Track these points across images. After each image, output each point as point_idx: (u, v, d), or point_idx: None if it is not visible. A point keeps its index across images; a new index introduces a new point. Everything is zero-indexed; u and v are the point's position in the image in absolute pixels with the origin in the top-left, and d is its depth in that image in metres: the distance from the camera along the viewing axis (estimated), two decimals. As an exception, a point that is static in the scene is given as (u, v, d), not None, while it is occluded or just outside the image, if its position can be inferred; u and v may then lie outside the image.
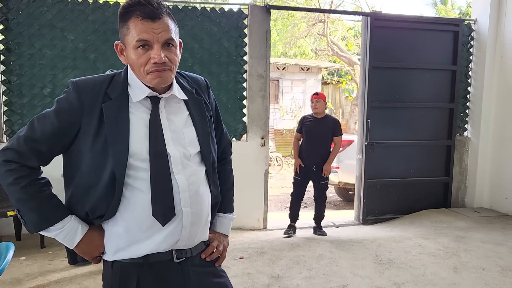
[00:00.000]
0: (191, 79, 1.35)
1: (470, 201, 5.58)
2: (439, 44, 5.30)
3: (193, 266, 1.26)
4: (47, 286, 3.08)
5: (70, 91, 1.18)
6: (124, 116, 1.16)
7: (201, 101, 1.31)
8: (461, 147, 5.54)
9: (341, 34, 17.08)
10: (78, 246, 1.20)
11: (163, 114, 1.21)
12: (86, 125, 1.15)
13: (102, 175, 1.15)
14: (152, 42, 1.13)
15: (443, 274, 3.35)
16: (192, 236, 1.23)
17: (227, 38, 4.69)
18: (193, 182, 1.21)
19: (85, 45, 4.36)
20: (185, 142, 1.23)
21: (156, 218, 1.16)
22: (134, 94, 1.20)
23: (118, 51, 1.22)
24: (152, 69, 1.14)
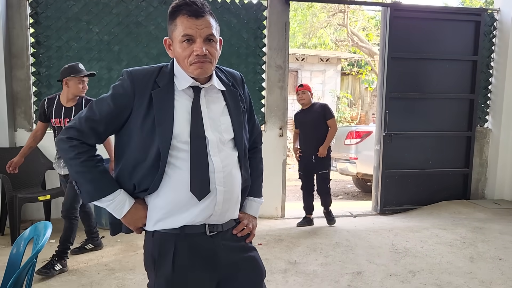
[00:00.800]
0: (228, 73, 1.48)
1: (491, 193, 5.55)
2: (460, 34, 5.25)
3: (224, 240, 1.39)
4: (76, 267, 3.26)
5: (124, 79, 1.34)
6: (170, 102, 1.32)
7: (237, 93, 1.45)
8: (482, 139, 5.50)
9: (362, 24, 16.91)
10: (125, 216, 1.35)
11: (203, 103, 1.36)
12: (137, 108, 1.31)
13: (148, 153, 1.30)
14: (195, 37, 1.28)
15: (459, 263, 3.38)
16: (224, 212, 1.36)
17: (247, 29, 4.76)
18: (226, 165, 1.35)
19: (110, 38, 4.50)
20: (221, 128, 1.37)
21: (193, 193, 1.30)
22: (179, 83, 1.35)
23: (166, 46, 1.38)
24: (194, 60, 1.29)
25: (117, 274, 3.13)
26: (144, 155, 1.31)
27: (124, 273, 3.14)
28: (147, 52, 4.60)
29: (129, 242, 3.83)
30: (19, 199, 3.77)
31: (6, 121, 4.26)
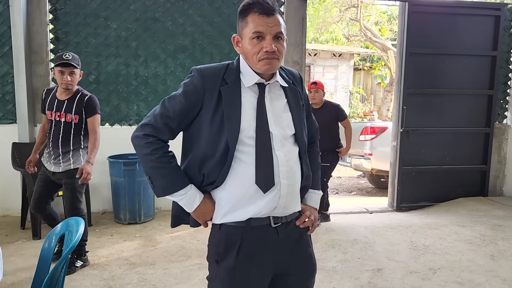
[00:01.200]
0: (288, 71, 1.54)
1: (509, 190, 5.48)
2: (479, 29, 5.17)
3: (287, 232, 1.43)
4: (97, 261, 3.30)
5: (194, 76, 1.40)
6: (238, 98, 1.39)
7: (296, 90, 1.51)
8: (500, 135, 5.42)
9: (375, 19, 16.75)
10: (195, 210, 1.40)
11: (267, 99, 1.42)
12: (207, 104, 1.37)
13: (217, 147, 1.35)
14: (265, 34, 1.34)
15: (479, 261, 3.36)
16: (287, 205, 1.41)
17: (264, 25, 4.74)
18: (289, 159, 1.41)
19: (127, 34, 4.53)
20: (284, 124, 1.43)
21: (258, 186, 1.35)
22: (245, 80, 1.41)
23: (234, 42, 1.44)
24: (263, 56, 1.34)
25: (138, 269, 3.16)
26: (212, 149, 1.36)
27: (144, 268, 3.17)
28: (164, 48, 4.61)
29: (148, 237, 3.87)
30: (40, 194, 3.81)
31: (27, 116, 4.31)
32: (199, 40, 4.66)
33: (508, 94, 5.45)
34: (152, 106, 4.61)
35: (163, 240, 3.78)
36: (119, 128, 4.63)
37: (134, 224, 4.21)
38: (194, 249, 3.58)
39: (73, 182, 3.12)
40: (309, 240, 1.53)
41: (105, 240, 3.78)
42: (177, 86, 4.61)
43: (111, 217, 4.39)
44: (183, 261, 3.33)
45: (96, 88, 4.53)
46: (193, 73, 1.41)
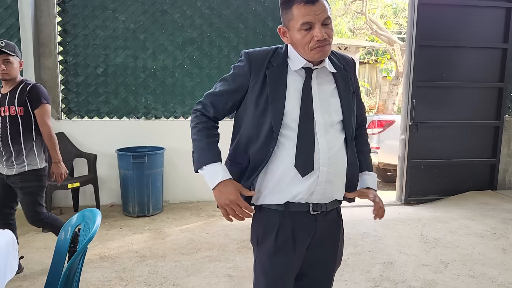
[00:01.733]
0: (340, 56, 1.52)
1: (518, 184, 5.45)
2: (490, 21, 5.11)
3: (326, 221, 1.44)
4: (107, 253, 3.30)
5: (242, 59, 1.44)
6: (283, 81, 1.39)
7: (347, 76, 1.49)
8: (510, 128, 5.38)
9: (380, 12, 16.62)
10: (215, 188, 1.38)
11: (314, 83, 1.41)
12: (253, 85, 1.40)
13: (262, 128, 1.37)
14: (314, 23, 1.32)
15: (491, 254, 3.34)
16: (326, 192, 1.40)
17: (272, 17, 4.71)
18: (332, 146, 1.39)
19: (135, 26, 4.50)
20: (331, 110, 1.41)
21: (297, 169, 1.35)
22: (292, 64, 1.40)
23: (281, 34, 1.43)
24: (315, 45, 1.33)
25: (149, 261, 3.16)
26: (257, 130, 1.39)
27: (155, 260, 3.18)
28: (172, 41, 4.59)
29: (157, 230, 3.87)
30: (49, 187, 3.82)
31: (35, 109, 4.30)
32: (207, 32, 4.63)
33: (518, 87, 5.40)
34: (160, 99, 4.64)
35: (173, 233, 3.78)
36: (127, 121, 4.62)
37: (143, 217, 4.22)
38: (203, 241, 3.58)
39: (30, 185, 2.85)
40: (342, 233, 1.55)
41: (114, 232, 3.79)
42: (185, 78, 4.64)
43: (119, 210, 4.40)
44: (193, 253, 3.32)
45: (104, 81, 4.52)
46: (241, 57, 1.45)
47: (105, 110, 4.58)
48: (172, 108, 4.69)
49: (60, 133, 4.33)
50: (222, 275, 2.95)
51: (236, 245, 3.49)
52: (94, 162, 4.20)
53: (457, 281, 2.88)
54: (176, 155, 4.58)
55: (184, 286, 2.79)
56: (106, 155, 4.44)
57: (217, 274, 2.97)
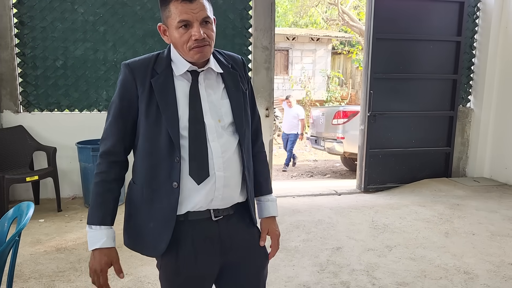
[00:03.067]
0: (227, 56, 1.47)
1: (471, 171, 5.70)
2: (445, 15, 5.29)
3: (229, 225, 1.40)
4: (64, 245, 3.36)
5: (123, 71, 1.35)
6: (171, 87, 1.33)
7: (236, 74, 1.43)
8: (464, 118, 5.62)
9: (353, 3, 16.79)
10: (92, 252, 1.35)
11: (202, 87, 1.36)
12: (141, 95, 1.32)
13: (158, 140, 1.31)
14: (192, 21, 1.27)
15: (434, 238, 3.53)
16: (225, 197, 1.36)
17: (233, 10, 4.77)
18: (226, 150, 1.35)
19: (95, 18, 4.50)
20: (221, 112, 1.37)
21: (192, 177, 1.31)
22: (176, 68, 1.35)
23: (161, 32, 1.37)
24: (193, 45, 1.28)
25: (105, 251, 3.23)
26: (153, 144, 1.32)
27: (111, 250, 3.24)
28: (133, 33, 4.60)
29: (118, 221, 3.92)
30: (7, 180, 3.83)
31: (-8, 102, 4.28)
32: (168, 25, 4.66)
33: (471, 79, 5.63)
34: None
35: (132, 224, 3.84)
36: (88, 114, 4.64)
37: (104, 208, 4.26)
38: (162, 231, 3.66)
39: None
40: (257, 232, 1.50)
41: (74, 225, 3.83)
42: (146, 71, 4.66)
43: (81, 203, 4.43)
44: (150, 243, 3.40)
45: (64, 74, 4.51)
46: (122, 69, 1.36)
47: (66, 103, 4.58)
48: (134, 101, 4.71)
49: (19, 126, 4.32)
50: (175, 263, 3.04)
51: (193, 234, 3.59)
52: (53, 155, 4.21)
53: (397, 264, 3.06)
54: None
55: (136, 275, 2.88)
56: (67, 148, 4.45)
57: (171, 262, 3.06)
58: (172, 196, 1.31)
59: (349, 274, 2.90)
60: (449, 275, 2.89)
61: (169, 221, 1.32)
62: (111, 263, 1.35)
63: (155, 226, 1.35)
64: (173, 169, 1.30)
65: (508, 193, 4.91)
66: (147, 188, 1.35)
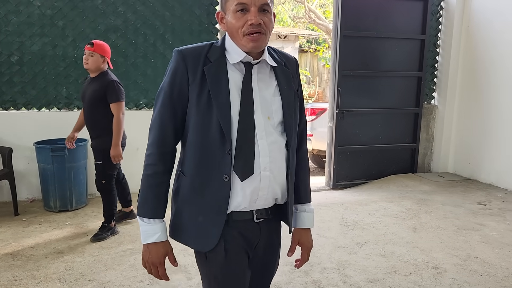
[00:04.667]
0: (281, 54, 1.42)
1: (436, 166, 5.83)
2: (409, 13, 5.38)
3: (268, 228, 1.39)
4: (21, 251, 3.16)
5: (175, 57, 1.31)
6: (224, 75, 1.27)
7: (289, 73, 1.39)
8: (428, 115, 5.73)
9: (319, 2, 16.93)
10: (145, 244, 1.33)
11: (255, 80, 1.30)
12: (192, 83, 1.27)
13: (209, 130, 1.26)
14: (249, 6, 1.22)
15: (403, 233, 3.56)
16: (269, 198, 1.33)
17: (199, 5, 4.65)
18: (273, 149, 1.30)
19: (53, 12, 4.27)
20: (272, 109, 1.31)
21: (236, 172, 1.26)
22: (230, 57, 1.29)
23: (219, 19, 1.33)
24: (248, 30, 1.23)
25: (66, 257, 3.06)
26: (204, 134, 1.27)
27: (72, 256, 3.08)
28: (94, 28, 4.41)
29: (79, 224, 3.75)
30: (-42, 183, 3.58)
31: None
32: (131, 20, 4.49)
33: (435, 76, 5.75)
34: (82, 89, 4.44)
35: (96, 227, 3.67)
36: (47, 112, 4.40)
37: (65, 211, 4.06)
38: (127, 234, 3.52)
39: None
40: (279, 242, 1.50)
41: (32, 229, 3.62)
42: (109, 68, 4.46)
43: (40, 205, 4.20)
44: (114, 247, 3.26)
45: (20, 70, 4.26)
46: (173, 55, 1.32)
47: (22, 101, 4.33)
48: (96, 98, 4.52)
49: (-29, 126, 4.05)
50: (141, 268, 2.92)
51: (160, 236, 3.47)
52: (9, 156, 3.97)
53: (368, 261, 3.05)
54: (101, 146, 4.44)
55: (100, 280, 2.74)
56: (24, 149, 4.22)
57: (137, 266, 2.94)
58: (224, 190, 1.27)
59: (320, 273, 2.86)
60: (418, 270, 2.91)
61: (220, 216, 1.29)
62: (166, 254, 1.34)
63: (204, 220, 1.31)
64: (224, 161, 1.25)
65: (471, 187, 5.05)
66: (197, 180, 1.31)
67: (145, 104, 4.65)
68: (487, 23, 5.20)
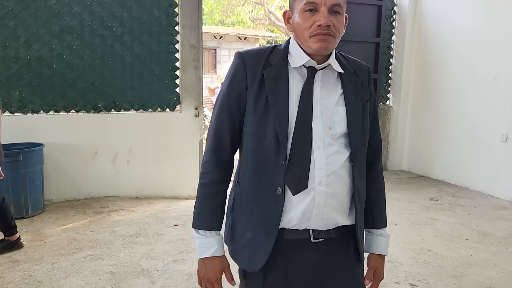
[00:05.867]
0: (351, 60, 1.32)
1: (391, 165, 6.08)
2: (365, 17, 5.58)
3: (330, 250, 1.22)
4: (-26, 262, 3.03)
5: (235, 61, 1.24)
6: (284, 80, 1.19)
7: (358, 82, 1.27)
8: (384, 115, 5.96)
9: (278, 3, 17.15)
10: (202, 260, 1.25)
11: (317, 86, 1.21)
12: (250, 87, 1.20)
13: (264, 138, 1.18)
14: (319, 6, 1.13)
15: (361, 230, 3.69)
16: (327, 218, 1.18)
17: (158, 7, 4.61)
18: (332, 162, 1.17)
19: (3, 12, 4.10)
20: (334, 119, 1.20)
21: (287, 185, 1.15)
22: (292, 60, 1.21)
23: (285, 19, 1.25)
24: (315, 31, 1.14)
25: (22, 266, 2.96)
26: (259, 142, 1.19)
27: (30, 264, 2.99)
28: (49, 29, 4.27)
29: (36, 231, 3.63)
30: None
31: None
32: (88, 21, 4.39)
33: (390, 78, 5.99)
34: (37, 92, 4.32)
35: (53, 234, 3.58)
36: (-1, 116, 4.23)
37: (20, 218, 3.91)
38: (87, 240, 3.45)
39: None
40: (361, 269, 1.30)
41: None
42: (65, 70, 4.37)
43: (-7, 213, 4.03)
44: (74, 253, 3.19)
45: (-32, 73, 4.07)
46: (234, 58, 1.25)
47: (-29, 104, 4.13)
48: (52, 102, 4.38)
49: None
50: (103, 273, 2.88)
51: (121, 241, 3.42)
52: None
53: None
54: (58, 151, 4.32)
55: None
56: None
57: (98, 272, 2.89)
58: (277, 204, 1.16)
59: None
60: (376, 264, 3.04)
61: (271, 233, 1.17)
62: (223, 270, 1.26)
63: (253, 237, 1.20)
64: (278, 172, 1.16)
65: (424, 184, 5.30)
66: (250, 191, 1.22)
67: (103, 107, 4.56)
68: (436, 28, 5.48)
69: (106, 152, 4.53)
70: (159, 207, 4.33)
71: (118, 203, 4.38)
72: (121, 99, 4.59)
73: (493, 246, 3.39)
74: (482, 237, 3.59)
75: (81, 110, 4.49)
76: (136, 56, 4.55)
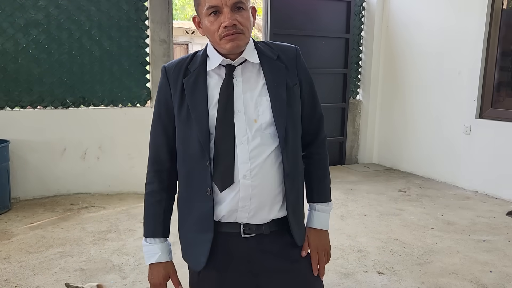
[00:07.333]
0: (276, 46, 1.31)
1: (362, 158, 6.21)
2: (335, 13, 5.67)
3: (261, 244, 1.24)
4: None
5: (161, 73, 1.30)
6: (202, 84, 1.22)
7: (282, 67, 1.26)
8: (354, 109, 6.08)
9: None
10: (150, 266, 1.32)
11: (239, 82, 1.22)
12: (173, 97, 1.25)
13: (190, 145, 1.22)
14: (221, 7, 1.14)
15: (331, 222, 3.71)
16: (256, 211, 1.21)
17: (126, 1, 4.54)
18: (256, 155, 1.19)
19: (-36, 4, 3.97)
20: (258, 111, 1.21)
21: (215, 182, 1.19)
22: (210, 63, 1.24)
23: (196, 24, 1.26)
24: (223, 33, 1.15)
25: (-12, 265, 2.89)
26: (184, 145, 1.24)
27: (-4, 264, 2.92)
28: (13, 22, 4.15)
29: (2, 230, 3.54)
30: None
31: None
32: (54, 14, 4.28)
33: (359, 73, 6.11)
34: (2, 87, 4.19)
35: (21, 232, 3.50)
36: (-39, 112, 4.09)
37: (-14, 218, 3.82)
38: (56, 237, 3.39)
39: None
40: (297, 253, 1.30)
41: None
42: (31, 64, 4.27)
43: (-44, 213, 3.91)
44: (42, 251, 3.13)
45: None
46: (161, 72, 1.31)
47: None
48: (18, 97, 4.27)
49: None
50: (73, 270, 2.85)
51: (92, 238, 3.38)
52: None
53: (299, 249, 3.21)
54: (25, 148, 4.22)
55: (28, 286, 2.62)
56: None
57: (68, 269, 2.85)
58: (207, 204, 1.21)
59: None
60: (345, 254, 3.12)
61: (206, 233, 1.22)
62: (169, 276, 1.32)
63: (194, 237, 1.27)
64: (205, 174, 1.20)
65: (393, 176, 5.45)
66: (185, 196, 1.29)
67: (72, 103, 4.47)
68: (403, 25, 5.62)
69: (75, 149, 4.45)
70: (130, 203, 4.29)
71: (89, 200, 4.31)
72: (90, 95, 4.51)
73: (457, 234, 3.53)
74: (447, 225, 3.73)
75: (48, 106, 4.39)
76: (105, 51, 4.48)
